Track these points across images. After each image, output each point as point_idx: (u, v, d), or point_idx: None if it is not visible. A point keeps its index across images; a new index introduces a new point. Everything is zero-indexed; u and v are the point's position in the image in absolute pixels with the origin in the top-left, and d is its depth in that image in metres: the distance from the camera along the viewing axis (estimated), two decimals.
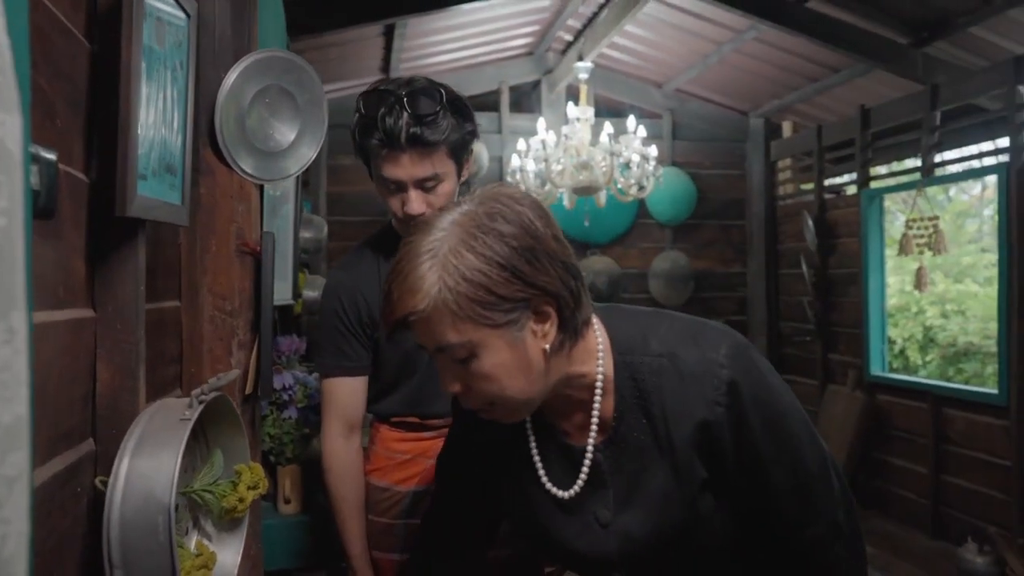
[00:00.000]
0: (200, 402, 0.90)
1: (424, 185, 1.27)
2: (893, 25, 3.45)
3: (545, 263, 0.76)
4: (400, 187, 1.28)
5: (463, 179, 1.36)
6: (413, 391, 1.40)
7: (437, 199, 1.29)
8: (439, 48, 4.42)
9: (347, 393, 1.38)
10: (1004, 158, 3.21)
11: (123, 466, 0.81)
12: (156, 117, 0.92)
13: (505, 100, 4.91)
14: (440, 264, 0.74)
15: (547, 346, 0.79)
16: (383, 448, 1.43)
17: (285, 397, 1.70)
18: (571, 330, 0.81)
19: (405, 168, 1.26)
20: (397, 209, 1.31)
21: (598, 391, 0.84)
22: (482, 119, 5.51)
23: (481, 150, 4.76)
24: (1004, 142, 3.28)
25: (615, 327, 0.86)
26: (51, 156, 0.65)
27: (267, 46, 1.63)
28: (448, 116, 1.26)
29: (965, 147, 3.84)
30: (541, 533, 0.92)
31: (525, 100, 5.22)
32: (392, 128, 1.22)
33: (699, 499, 0.84)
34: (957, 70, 3.51)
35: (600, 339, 0.85)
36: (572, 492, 0.87)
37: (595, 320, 0.86)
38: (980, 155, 3.67)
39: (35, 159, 0.61)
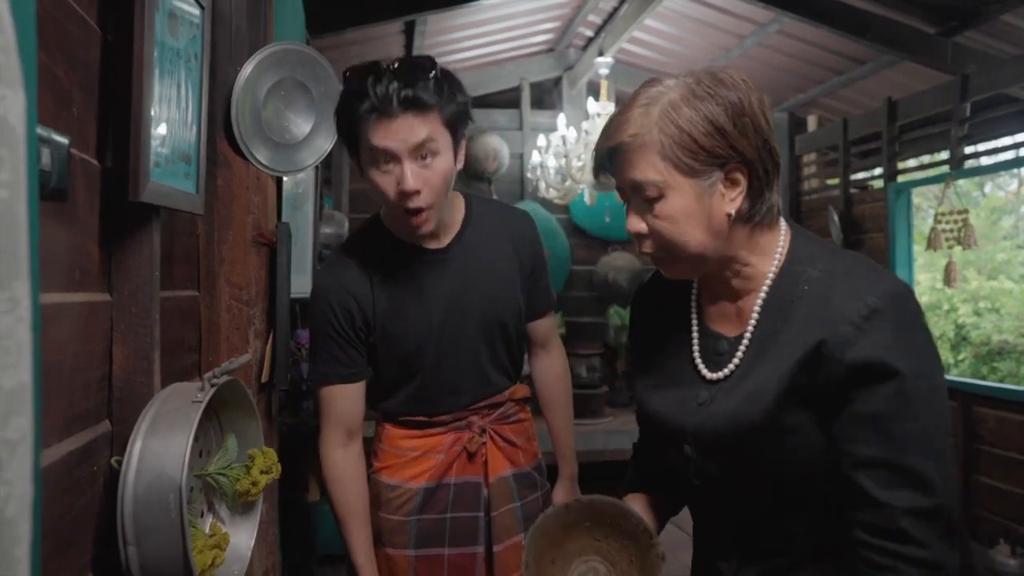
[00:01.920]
0: (212, 385, 0.92)
1: (419, 154, 1.18)
2: (920, 14, 3.37)
3: (749, 132, 0.83)
4: (393, 159, 1.18)
5: (459, 165, 1.27)
6: (417, 391, 1.37)
7: (433, 175, 1.20)
8: (460, 45, 4.44)
9: (345, 400, 1.33)
10: None
11: (136, 446, 0.83)
12: (170, 107, 0.94)
13: (526, 97, 4.91)
14: (659, 109, 0.83)
15: (732, 211, 0.84)
16: (391, 446, 1.40)
17: (303, 387, 1.72)
18: (758, 207, 0.86)
19: (398, 134, 1.16)
20: (391, 189, 1.20)
21: (766, 285, 0.88)
22: (503, 116, 5.51)
23: (501, 146, 4.77)
24: None
25: (798, 239, 0.90)
26: (63, 139, 0.66)
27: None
28: (441, 83, 1.19)
29: (997, 139, 3.74)
30: (643, 399, 0.98)
31: (547, 96, 5.21)
32: (384, 93, 1.14)
33: (786, 408, 0.81)
34: (988, 59, 3.42)
35: (782, 243, 0.90)
36: (721, 375, 0.89)
37: (785, 227, 0.91)
38: (1015, 146, 3.56)
39: (46, 141, 0.63)
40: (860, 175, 4.55)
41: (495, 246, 1.40)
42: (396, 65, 1.17)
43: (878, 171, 4.30)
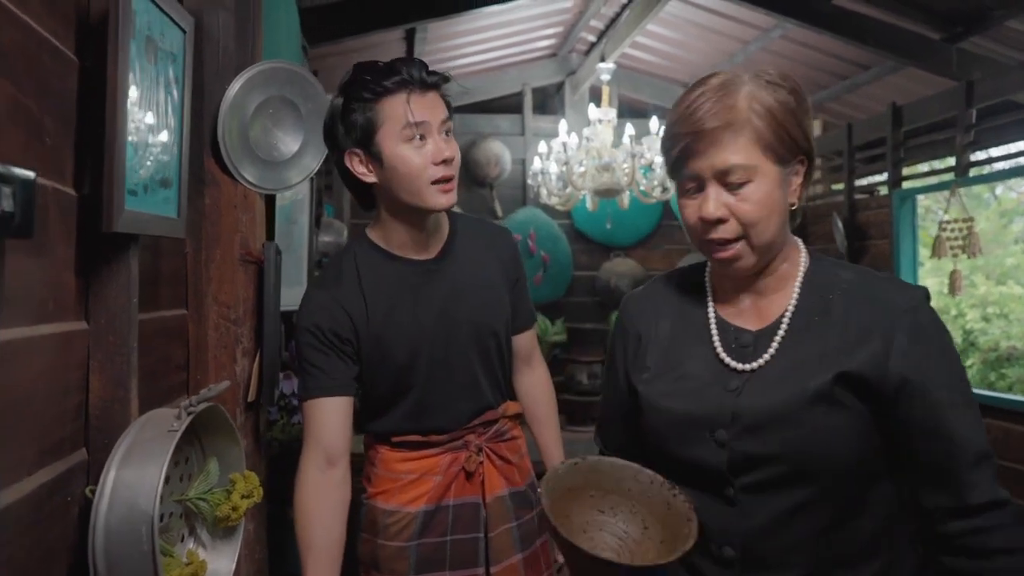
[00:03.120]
0: (189, 413, 0.92)
1: (443, 129, 1.24)
2: (924, 20, 3.34)
3: (810, 127, 0.87)
4: (425, 132, 1.22)
5: None
6: (412, 406, 1.33)
7: (455, 152, 1.25)
8: (462, 51, 4.43)
9: (327, 415, 1.26)
10: None
11: (110, 476, 0.83)
12: (149, 133, 0.94)
13: (528, 102, 4.90)
14: (744, 95, 0.84)
15: (795, 202, 0.88)
16: (386, 470, 1.36)
17: (294, 403, 1.72)
18: (802, 201, 0.90)
19: (431, 108, 1.22)
20: (425, 160, 1.22)
21: (797, 283, 0.91)
22: (505, 121, 5.49)
23: (503, 152, 4.76)
24: None
25: (813, 252, 0.95)
26: (28, 175, 0.66)
27: (280, 56, 1.65)
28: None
29: (1004, 145, 3.70)
30: (651, 400, 0.96)
31: (549, 101, 5.20)
32: (412, 72, 1.20)
33: (837, 386, 0.84)
34: (993, 65, 3.38)
35: (803, 249, 0.95)
36: (755, 364, 0.90)
37: (798, 238, 0.96)
38: (1018, 154, 3.52)
39: (7, 179, 0.62)
40: (865, 181, 4.52)
41: (482, 258, 1.39)
42: (403, 59, 1.24)
43: (883, 176, 4.26)
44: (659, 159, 3.58)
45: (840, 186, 4.56)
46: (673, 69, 4.73)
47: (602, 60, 4.02)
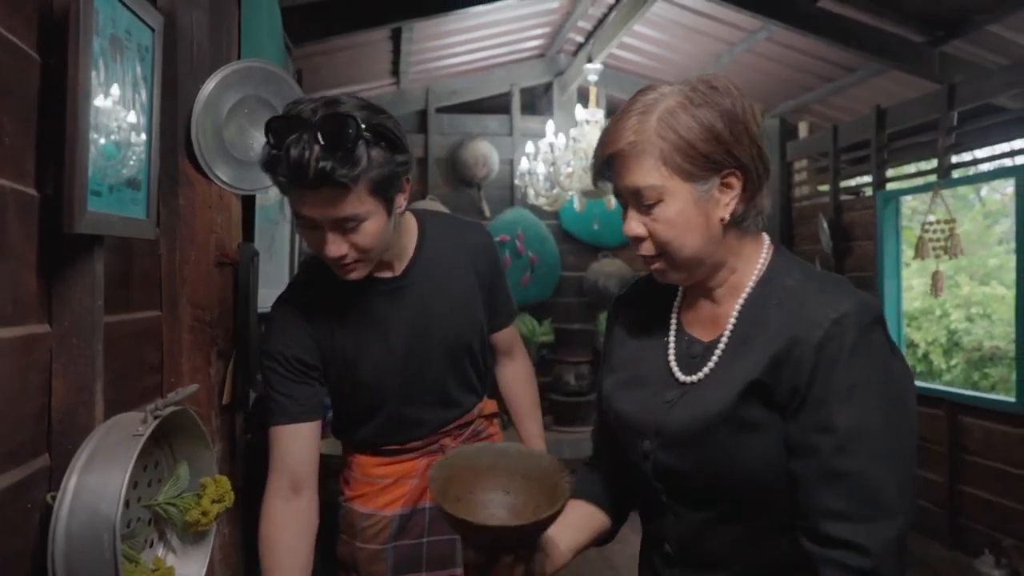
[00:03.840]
0: (155, 417, 0.90)
1: (343, 226, 1.09)
2: (908, 24, 3.36)
3: (743, 138, 0.86)
4: (315, 225, 1.10)
5: (400, 211, 1.19)
6: (385, 421, 1.32)
7: (362, 238, 1.11)
8: (449, 51, 4.42)
9: (292, 442, 1.22)
10: (1022, 160, 3.10)
11: (71, 482, 0.81)
12: (115, 132, 0.92)
13: (516, 102, 4.90)
14: (656, 115, 0.85)
15: (726, 215, 0.87)
16: (362, 474, 1.36)
17: None
18: (749, 211, 0.88)
19: (316, 206, 1.06)
20: (317, 249, 1.13)
21: (745, 292, 0.90)
22: (493, 121, 5.48)
23: (491, 152, 4.76)
24: (1022, 143, 3.17)
25: (779, 254, 0.93)
26: None
27: (262, 56, 1.63)
28: (369, 148, 1.06)
29: (985, 148, 3.73)
30: (609, 398, 0.98)
31: (537, 102, 5.20)
32: (299, 160, 1.01)
33: (748, 404, 0.83)
34: (975, 69, 3.41)
35: (764, 255, 0.93)
36: (695, 377, 0.90)
37: (768, 242, 0.94)
38: (1000, 156, 3.55)
39: None
40: (853, 182, 4.54)
41: (452, 266, 1.35)
42: (320, 120, 1.03)
43: (868, 178, 4.28)
44: None
45: (826, 187, 4.59)
46: (660, 70, 4.74)
47: (589, 61, 4.03)
